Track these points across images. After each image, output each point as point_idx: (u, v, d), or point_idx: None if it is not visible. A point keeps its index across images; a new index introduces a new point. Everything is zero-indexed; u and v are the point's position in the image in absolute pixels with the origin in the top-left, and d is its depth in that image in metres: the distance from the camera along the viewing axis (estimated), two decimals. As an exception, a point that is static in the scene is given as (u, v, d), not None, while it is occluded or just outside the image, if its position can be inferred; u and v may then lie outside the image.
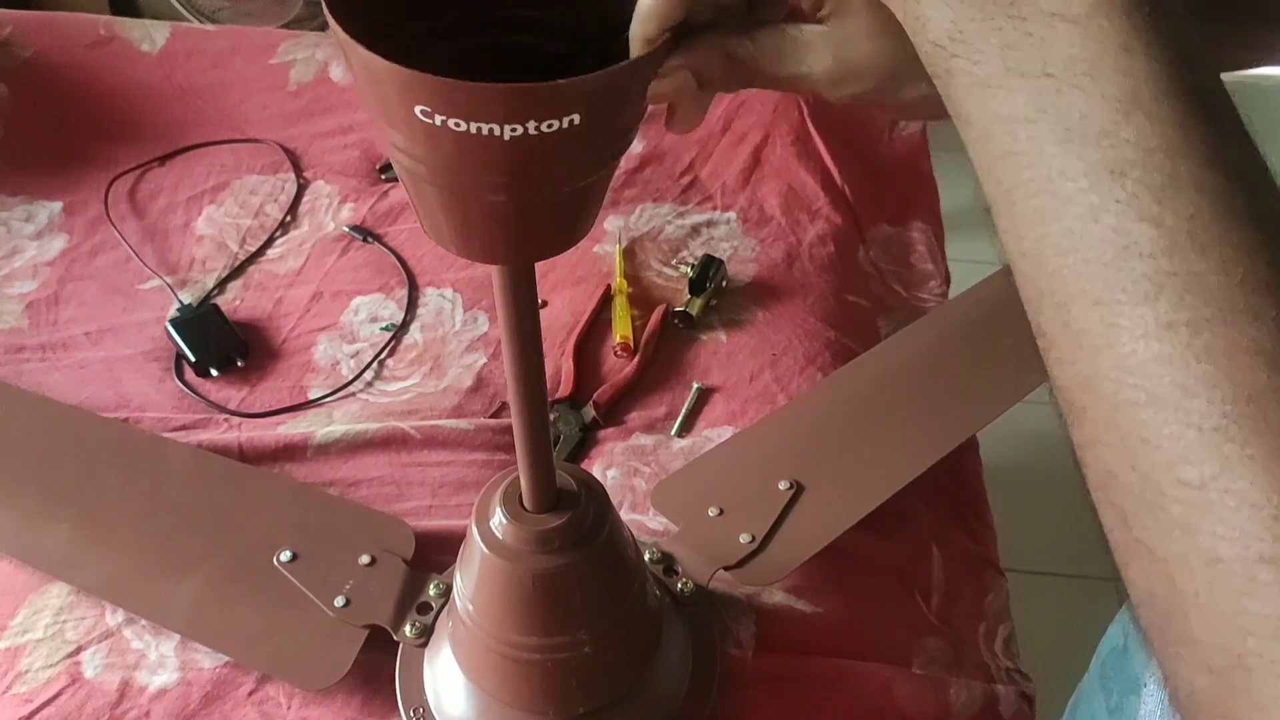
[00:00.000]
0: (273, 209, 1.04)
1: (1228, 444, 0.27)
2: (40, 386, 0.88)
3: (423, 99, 0.36)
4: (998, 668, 0.75)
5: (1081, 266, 0.30)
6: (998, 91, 0.31)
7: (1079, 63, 0.29)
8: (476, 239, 0.44)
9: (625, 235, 1.01)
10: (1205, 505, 0.27)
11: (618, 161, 0.44)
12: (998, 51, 0.31)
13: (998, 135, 0.31)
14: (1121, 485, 0.30)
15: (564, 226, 0.45)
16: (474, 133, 0.37)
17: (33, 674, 0.70)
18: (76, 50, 1.17)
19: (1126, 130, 0.29)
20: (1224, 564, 0.27)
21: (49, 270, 0.98)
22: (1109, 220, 0.29)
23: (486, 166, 0.39)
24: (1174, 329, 0.28)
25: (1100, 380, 0.30)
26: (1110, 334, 0.29)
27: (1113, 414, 0.29)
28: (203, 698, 0.69)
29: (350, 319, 0.95)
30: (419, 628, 0.69)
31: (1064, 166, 0.30)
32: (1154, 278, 0.28)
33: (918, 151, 1.14)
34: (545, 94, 0.36)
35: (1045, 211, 0.30)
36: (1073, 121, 0.29)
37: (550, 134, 0.37)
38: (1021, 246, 0.32)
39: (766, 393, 0.89)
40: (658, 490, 0.79)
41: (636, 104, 0.41)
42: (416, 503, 0.81)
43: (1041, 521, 1.35)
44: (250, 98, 1.15)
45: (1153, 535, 0.29)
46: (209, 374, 0.90)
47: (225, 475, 0.80)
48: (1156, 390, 0.28)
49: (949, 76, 0.32)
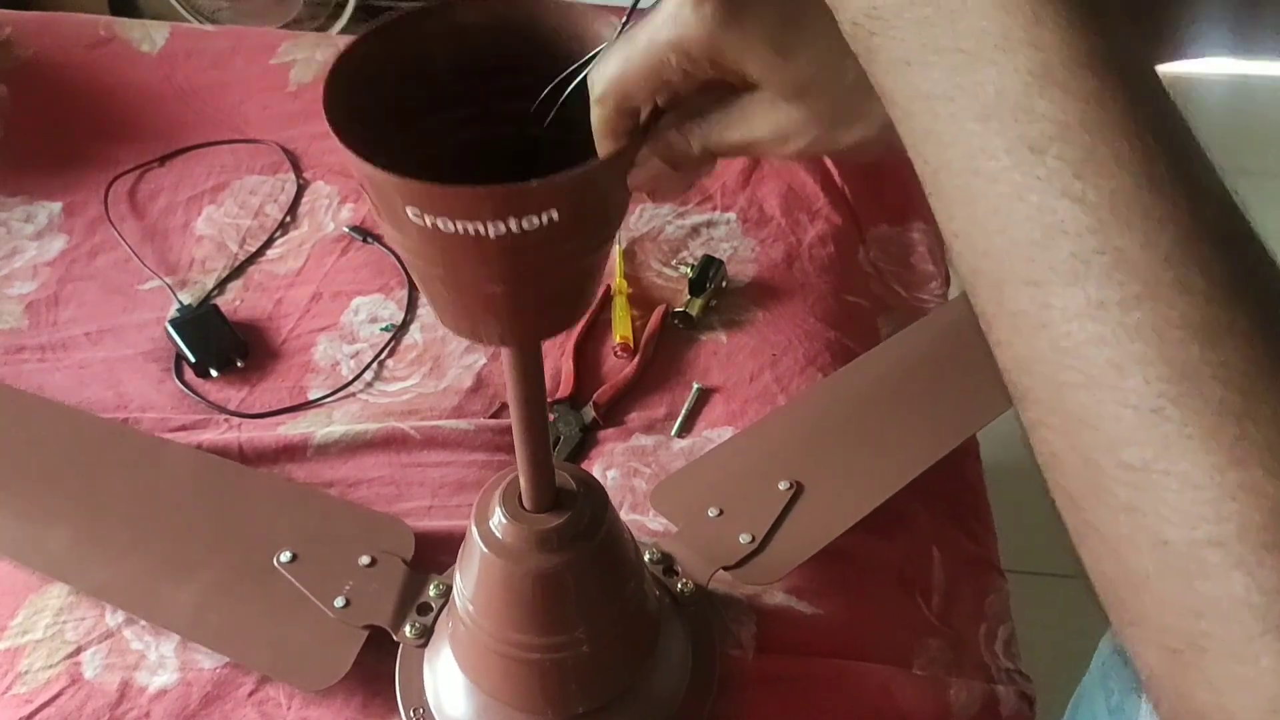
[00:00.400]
0: (272, 209, 1.04)
1: (1165, 424, 0.27)
2: (40, 387, 0.88)
3: (412, 201, 0.39)
4: (998, 668, 0.75)
5: (1011, 247, 0.29)
6: (916, 68, 0.30)
7: (990, 36, 0.29)
8: (480, 325, 0.46)
9: (625, 236, 1.01)
10: (1148, 487, 0.27)
11: (609, 245, 0.46)
12: (913, 27, 0.30)
13: (919, 113, 0.31)
14: (1067, 467, 0.29)
15: (563, 308, 0.47)
16: (462, 232, 0.39)
17: (32, 674, 0.70)
18: (76, 51, 1.17)
19: (1041, 105, 0.28)
20: (1171, 546, 0.27)
21: (49, 271, 0.98)
22: (1033, 199, 0.28)
23: (478, 261, 0.41)
24: (1105, 308, 0.27)
25: (1038, 362, 0.29)
26: (1044, 315, 0.29)
27: (1053, 396, 0.29)
28: (203, 698, 0.69)
29: (350, 319, 0.95)
30: (419, 628, 0.69)
31: (985, 144, 0.29)
32: (1081, 255, 0.28)
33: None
34: (519, 194, 0.38)
35: (971, 190, 0.30)
36: (989, 97, 0.29)
37: (533, 230, 0.39)
38: (953, 227, 0.31)
39: (766, 393, 0.88)
40: (657, 490, 0.79)
41: (616, 194, 0.43)
42: (416, 503, 0.81)
43: (1041, 522, 1.34)
44: (250, 98, 1.15)
45: (1100, 517, 0.29)
46: (209, 374, 0.90)
47: (225, 476, 0.80)
48: (1092, 372, 0.28)
49: (869, 55, 0.32)
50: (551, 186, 0.39)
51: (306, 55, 1.18)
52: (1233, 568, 0.26)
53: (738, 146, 0.41)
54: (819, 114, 0.39)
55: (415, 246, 0.41)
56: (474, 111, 0.46)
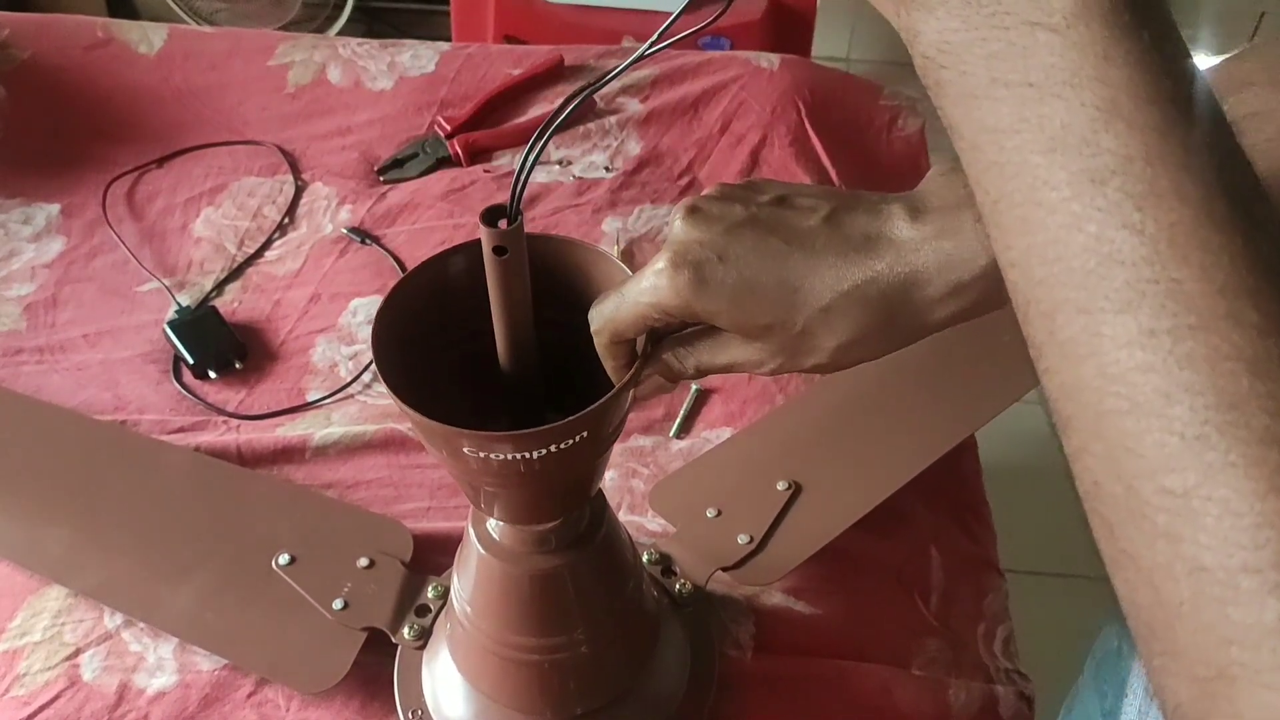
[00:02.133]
0: (271, 211, 1.04)
1: (1209, 452, 0.27)
2: (38, 389, 0.88)
3: (468, 444, 0.48)
4: (997, 668, 0.75)
5: (1066, 275, 0.30)
6: (983, 102, 0.31)
7: (1059, 71, 0.29)
8: (515, 511, 0.57)
9: (624, 237, 1.01)
10: (1188, 514, 0.27)
11: (613, 444, 0.55)
12: (983, 62, 0.31)
13: (984, 146, 0.31)
14: (1107, 495, 0.30)
15: (580, 495, 0.58)
16: (508, 459, 0.49)
17: (31, 676, 0.70)
18: (74, 52, 1.17)
19: (1106, 138, 0.29)
20: (1207, 573, 0.27)
21: (47, 272, 0.98)
22: (1091, 228, 0.29)
23: (519, 475, 0.50)
24: (1156, 336, 0.28)
25: (1084, 389, 0.30)
26: (1094, 342, 0.29)
27: (1097, 423, 0.29)
28: (201, 700, 0.69)
29: (349, 321, 0.94)
30: (417, 630, 0.69)
31: (1048, 176, 0.30)
32: (1136, 285, 0.28)
33: (917, 152, 1.14)
34: (560, 429, 0.48)
35: (1031, 221, 0.30)
36: (1055, 131, 0.29)
37: (566, 448, 0.49)
38: (1010, 256, 0.32)
39: (764, 393, 0.88)
40: (656, 491, 0.79)
41: (625, 408, 0.53)
42: (415, 505, 0.81)
43: (1041, 521, 1.35)
44: (248, 99, 1.15)
45: (1138, 545, 0.29)
46: (207, 376, 0.90)
47: (223, 478, 0.80)
48: (1139, 398, 0.28)
49: (938, 88, 0.33)
50: (587, 416, 0.48)
51: (304, 57, 1.18)
52: (1267, 594, 0.26)
53: (725, 368, 0.49)
54: (779, 350, 0.47)
55: (466, 469, 0.50)
56: (482, 326, 0.53)
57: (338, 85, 1.16)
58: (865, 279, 0.45)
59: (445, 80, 1.17)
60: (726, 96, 1.14)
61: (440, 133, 1.11)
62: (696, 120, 1.13)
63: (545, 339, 0.54)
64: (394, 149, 1.10)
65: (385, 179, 1.08)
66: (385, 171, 1.08)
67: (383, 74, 1.17)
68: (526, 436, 0.47)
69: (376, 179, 1.08)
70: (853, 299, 0.45)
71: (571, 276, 0.55)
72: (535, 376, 0.55)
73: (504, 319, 0.51)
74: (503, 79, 1.16)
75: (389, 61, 1.18)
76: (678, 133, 1.12)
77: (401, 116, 1.13)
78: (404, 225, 1.03)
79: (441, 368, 0.55)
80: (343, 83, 1.16)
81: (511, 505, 0.56)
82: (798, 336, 0.46)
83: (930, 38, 0.32)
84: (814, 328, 0.46)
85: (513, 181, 0.46)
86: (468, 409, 0.52)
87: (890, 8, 0.33)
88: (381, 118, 1.13)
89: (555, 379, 0.56)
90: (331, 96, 1.15)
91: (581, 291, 0.54)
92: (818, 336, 0.46)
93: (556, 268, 0.54)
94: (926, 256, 0.45)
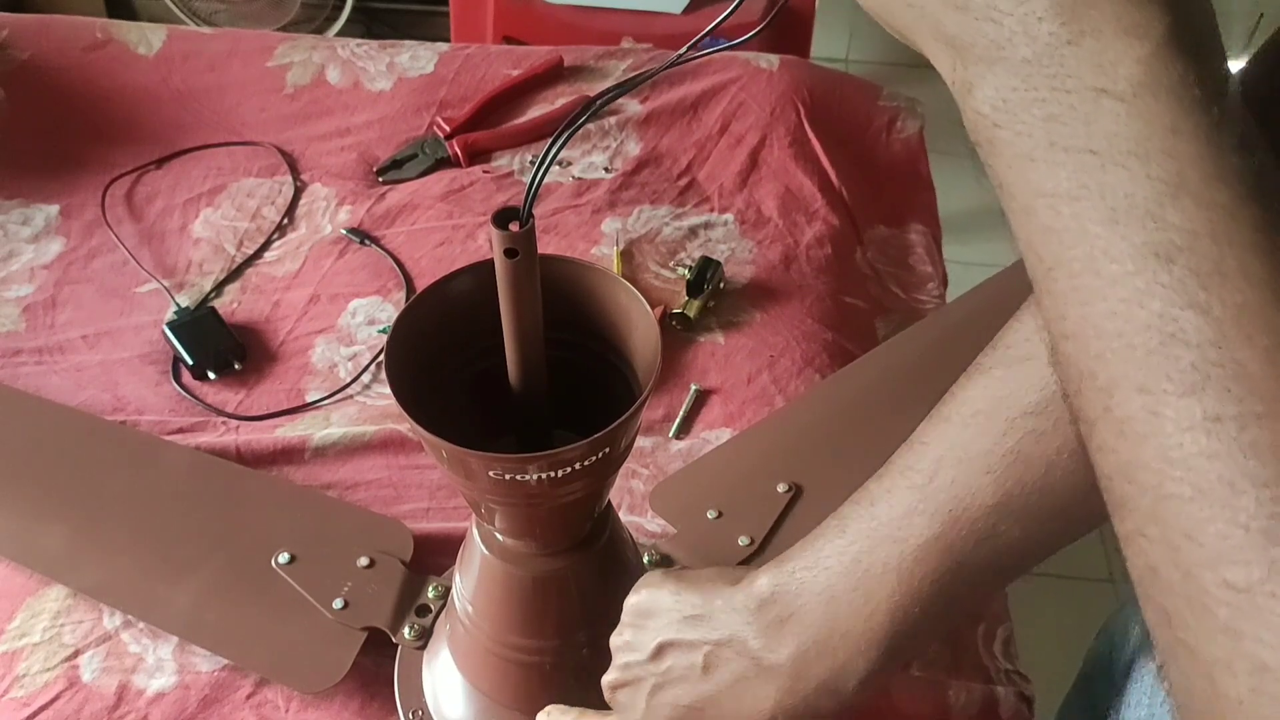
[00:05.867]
0: (270, 212, 1.04)
1: (1275, 547, 0.26)
2: (38, 390, 0.88)
3: (492, 467, 0.50)
4: (997, 669, 0.75)
5: (1126, 351, 0.29)
6: (1040, 165, 0.30)
7: (1124, 141, 0.28)
8: (521, 532, 0.59)
9: (623, 237, 1.01)
10: (1252, 609, 0.26)
11: (618, 470, 0.58)
12: (1041, 124, 0.30)
13: (1040, 210, 0.30)
14: (1164, 582, 0.29)
15: (586, 518, 0.60)
16: (528, 479, 0.51)
17: (30, 678, 0.70)
18: (73, 53, 1.17)
19: (1173, 214, 0.28)
20: (1270, 672, 0.26)
21: (46, 273, 0.98)
22: (1154, 305, 0.28)
23: (535, 492, 0.52)
24: (1221, 422, 0.27)
25: (1143, 471, 0.29)
26: (1154, 423, 0.28)
27: (1155, 506, 0.29)
28: (201, 701, 0.69)
29: (348, 321, 0.94)
30: (417, 630, 0.69)
31: (1108, 247, 0.29)
32: (1200, 368, 0.27)
33: (915, 153, 1.14)
34: (572, 452, 0.50)
35: (1089, 291, 0.29)
36: (1118, 201, 0.28)
37: (584, 467, 0.52)
38: (1064, 327, 0.31)
39: (764, 394, 0.88)
40: (656, 492, 0.79)
41: (632, 435, 0.55)
42: (415, 505, 0.81)
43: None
44: (247, 100, 1.15)
45: (1196, 636, 0.28)
46: (206, 377, 0.90)
47: (223, 477, 0.80)
48: (1202, 485, 0.27)
49: (990, 146, 0.31)
50: (601, 436, 0.50)
51: (303, 57, 1.18)
52: None
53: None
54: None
55: (490, 490, 0.53)
56: (490, 344, 0.54)
57: (337, 86, 1.16)
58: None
59: (444, 81, 1.17)
60: (726, 97, 1.14)
61: (439, 133, 1.11)
62: (696, 121, 1.13)
63: (552, 360, 0.55)
64: (393, 150, 1.10)
65: (384, 180, 1.08)
66: (384, 172, 1.08)
67: (382, 75, 1.17)
68: (547, 458, 0.50)
69: (375, 180, 1.08)
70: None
71: (581, 299, 0.55)
72: (544, 393, 0.55)
73: (514, 324, 0.51)
74: (502, 80, 1.16)
75: (388, 62, 1.18)
76: (677, 133, 1.12)
77: (400, 117, 1.13)
78: (403, 226, 1.03)
79: (453, 386, 0.56)
80: (342, 83, 1.16)
81: (521, 521, 0.58)
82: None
83: (986, 94, 0.31)
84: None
85: (527, 184, 0.46)
86: (476, 427, 0.53)
87: (945, 60, 0.32)
88: (380, 118, 1.13)
89: (562, 401, 0.57)
90: (330, 97, 1.15)
91: (590, 314, 0.55)
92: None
93: (565, 290, 0.55)
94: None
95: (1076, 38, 0.29)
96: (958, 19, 0.30)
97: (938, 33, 0.31)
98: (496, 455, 0.50)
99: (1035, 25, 0.29)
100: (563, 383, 0.57)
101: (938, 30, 0.31)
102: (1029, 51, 0.29)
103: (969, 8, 0.30)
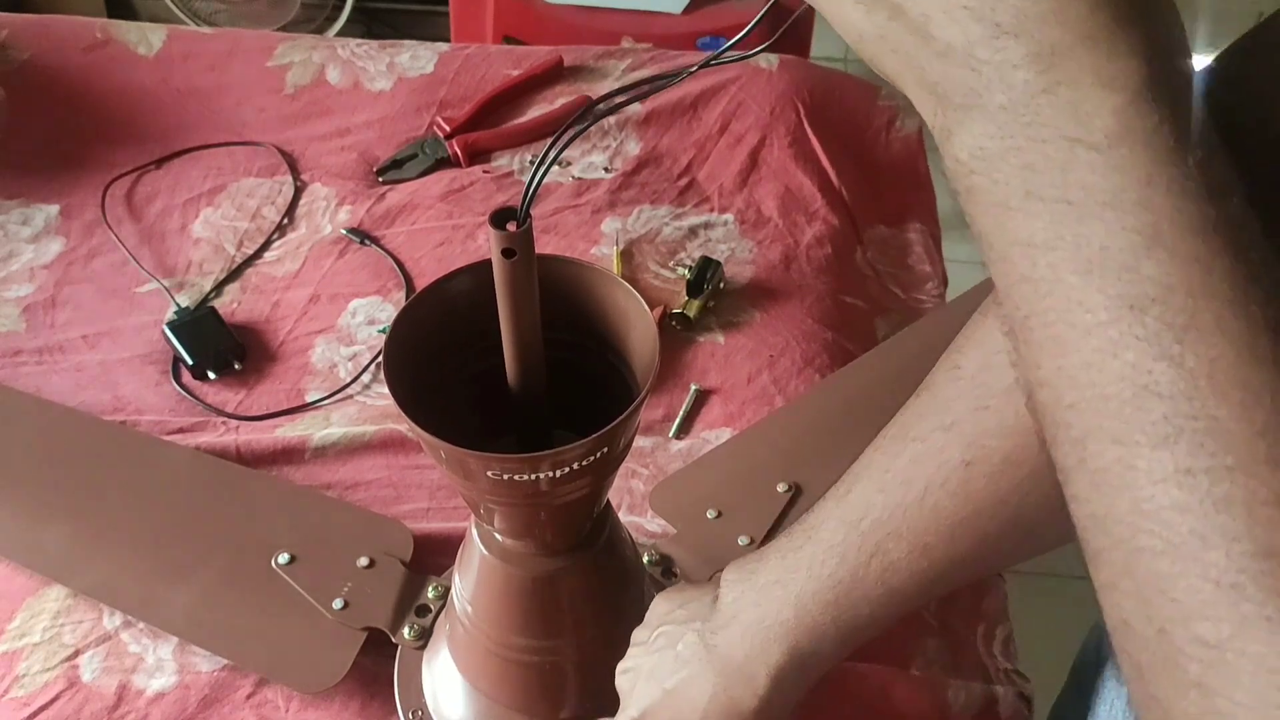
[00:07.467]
0: (270, 212, 1.04)
1: (1245, 603, 0.26)
2: (38, 390, 0.88)
3: (492, 467, 0.51)
4: (996, 669, 0.75)
5: (1099, 403, 0.29)
6: (1016, 214, 0.30)
7: (1100, 192, 0.28)
8: (520, 532, 0.59)
9: (622, 237, 1.01)
10: (1222, 666, 0.26)
11: (617, 470, 0.58)
12: (1017, 172, 0.29)
13: (1016, 259, 0.30)
14: (1137, 636, 0.29)
15: (585, 518, 0.60)
16: (529, 479, 0.51)
17: (30, 678, 0.70)
18: (73, 53, 1.17)
19: (1148, 266, 0.28)
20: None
21: (46, 273, 0.98)
22: (1128, 357, 0.28)
23: (535, 492, 0.52)
24: (1193, 475, 0.27)
25: (1117, 523, 0.29)
26: (1127, 475, 0.28)
27: (1129, 560, 0.28)
28: (200, 701, 0.69)
29: (348, 321, 0.94)
30: (417, 630, 0.69)
31: (1083, 298, 0.29)
32: (1173, 420, 0.27)
33: (915, 152, 1.14)
34: (589, 443, 0.50)
35: (1063, 342, 0.29)
36: (1093, 252, 0.28)
37: (583, 466, 0.52)
38: (1039, 375, 0.31)
39: (764, 394, 0.89)
40: (656, 492, 0.79)
41: (631, 435, 0.55)
42: (414, 505, 0.81)
43: (1039, 522, 1.35)
44: (247, 100, 1.14)
45: (1167, 692, 0.28)
46: (206, 377, 0.90)
47: (223, 478, 0.80)
48: (1174, 539, 0.27)
49: (969, 194, 0.31)
50: (598, 439, 0.51)
51: (303, 57, 1.18)
52: None
53: None
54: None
55: (490, 490, 0.53)
56: (489, 344, 0.54)
57: (337, 86, 1.16)
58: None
59: (444, 81, 1.17)
60: (725, 97, 1.14)
61: (439, 133, 1.11)
62: (695, 121, 1.13)
63: (551, 360, 0.55)
64: (393, 149, 1.10)
65: (384, 180, 1.08)
66: (384, 172, 1.08)
67: (382, 75, 1.17)
68: (544, 458, 0.50)
69: (375, 180, 1.08)
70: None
71: (579, 299, 0.56)
72: (543, 393, 0.55)
73: (512, 324, 0.51)
74: (502, 80, 1.16)
75: (388, 62, 1.18)
76: (677, 133, 1.12)
77: (400, 117, 1.13)
78: (403, 226, 1.03)
79: (452, 386, 0.56)
80: (342, 83, 1.16)
81: (522, 525, 0.58)
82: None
83: (965, 141, 0.30)
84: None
85: (526, 183, 0.46)
86: (476, 427, 0.53)
87: (928, 106, 0.32)
88: (380, 118, 1.13)
89: (561, 401, 0.57)
90: (330, 97, 1.15)
91: (588, 314, 0.55)
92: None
93: (564, 290, 0.55)
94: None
95: (1052, 87, 0.28)
96: (939, 66, 0.30)
97: (920, 79, 0.31)
98: (496, 455, 0.50)
99: (1011, 73, 0.29)
100: (562, 383, 0.57)
101: (921, 77, 0.31)
102: (1005, 99, 0.29)
103: (949, 55, 0.30)
